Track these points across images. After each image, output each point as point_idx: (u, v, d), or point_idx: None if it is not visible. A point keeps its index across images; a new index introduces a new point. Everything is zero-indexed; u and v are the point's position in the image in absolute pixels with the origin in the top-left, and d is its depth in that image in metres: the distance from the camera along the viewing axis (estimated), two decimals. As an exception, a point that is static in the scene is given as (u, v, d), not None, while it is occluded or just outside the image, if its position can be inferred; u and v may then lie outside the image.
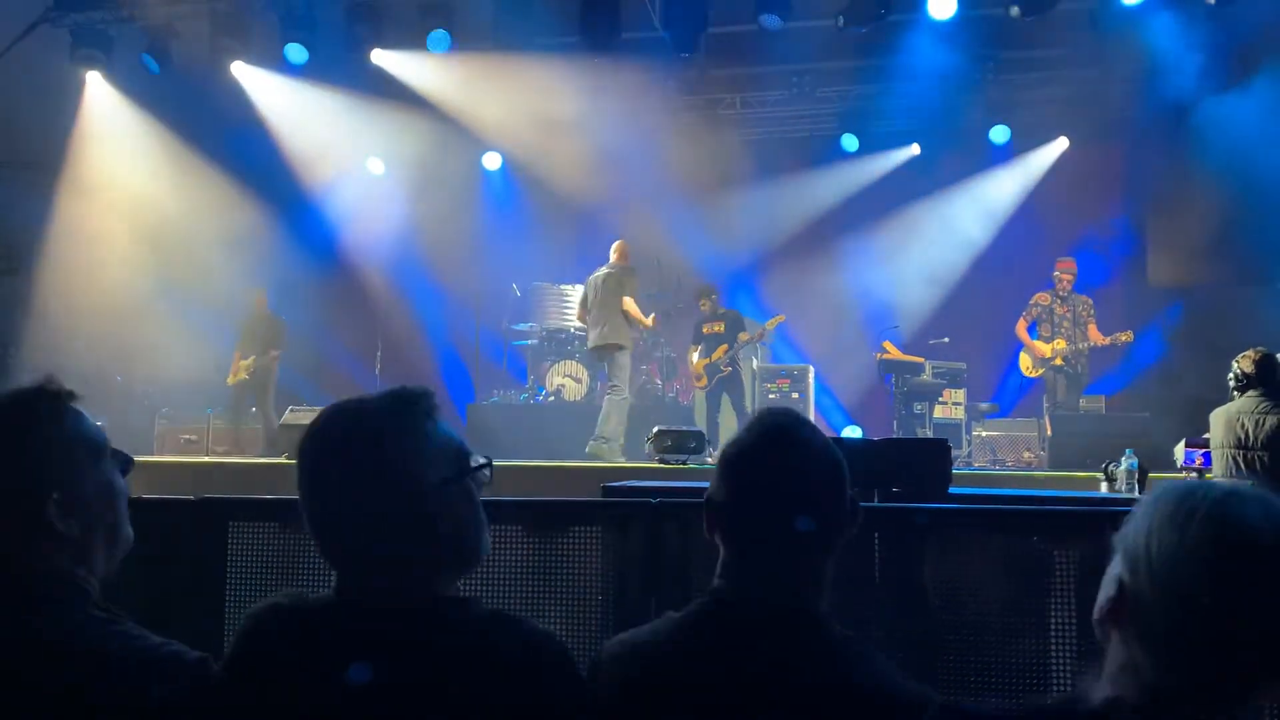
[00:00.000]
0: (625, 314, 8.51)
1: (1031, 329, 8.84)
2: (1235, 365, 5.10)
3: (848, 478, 1.49)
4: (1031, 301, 8.89)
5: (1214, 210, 9.81)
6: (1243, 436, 4.85)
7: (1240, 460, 4.85)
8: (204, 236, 10.40)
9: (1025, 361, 8.96)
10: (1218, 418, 5.05)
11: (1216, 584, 1.09)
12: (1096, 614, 1.20)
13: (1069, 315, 8.71)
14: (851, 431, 10.34)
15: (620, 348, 8.48)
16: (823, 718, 1.36)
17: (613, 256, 8.90)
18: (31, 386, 1.44)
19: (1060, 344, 8.64)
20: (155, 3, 9.73)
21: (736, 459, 1.50)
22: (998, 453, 9.16)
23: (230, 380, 9.73)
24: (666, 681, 1.43)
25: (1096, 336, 8.59)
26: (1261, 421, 4.82)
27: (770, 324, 9.83)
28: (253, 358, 9.62)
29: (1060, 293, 8.77)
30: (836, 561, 1.51)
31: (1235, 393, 5.07)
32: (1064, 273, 8.82)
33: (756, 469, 1.48)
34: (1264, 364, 4.98)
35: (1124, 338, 8.54)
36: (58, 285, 10.21)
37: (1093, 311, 8.75)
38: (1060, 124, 10.95)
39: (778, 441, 1.48)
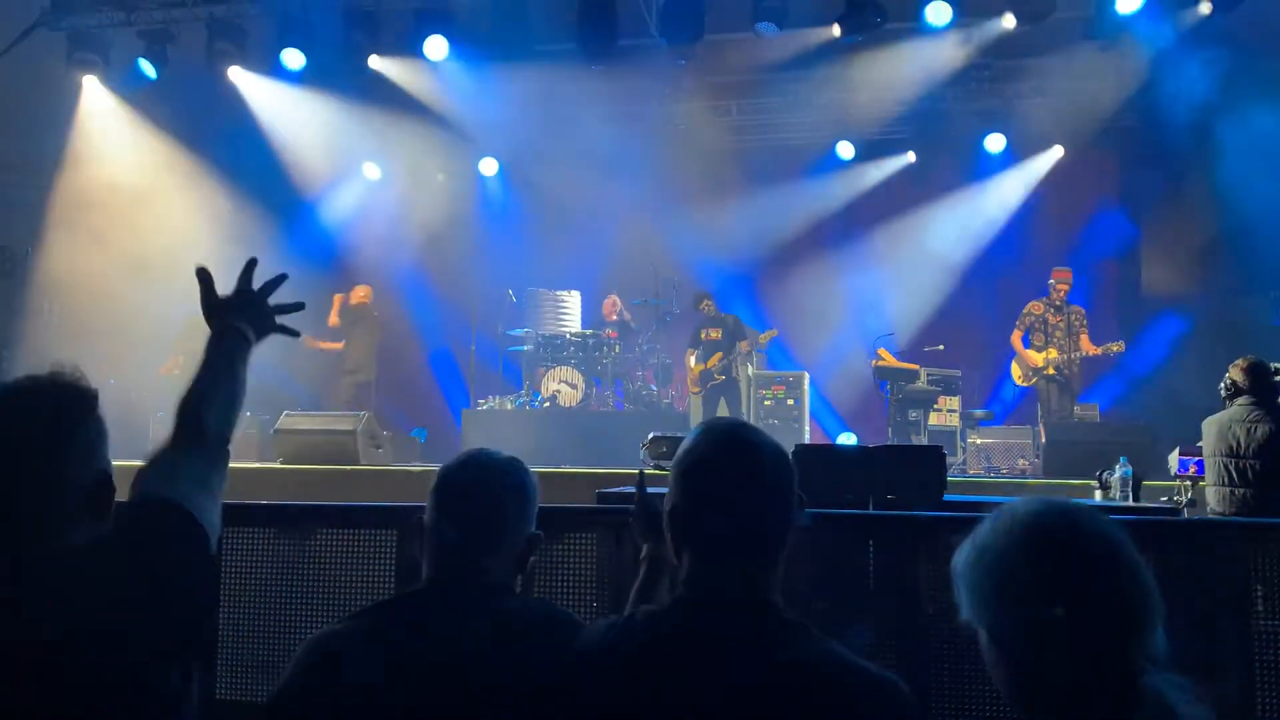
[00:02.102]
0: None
1: (1025, 338, 8.85)
2: (1227, 374, 5.12)
3: (796, 478, 1.55)
4: (1025, 311, 8.89)
5: (1209, 220, 9.83)
6: (1234, 445, 4.86)
7: (1232, 468, 4.86)
8: (199, 241, 10.38)
9: (1017, 371, 8.97)
10: (1210, 426, 5.06)
11: (1033, 579, 1.19)
12: (1007, 700, 1.28)
13: (1062, 324, 8.71)
14: (846, 438, 10.35)
15: None
16: (790, 703, 1.40)
17: (368, 299, 9.83)
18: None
19: (1052, 354, 8.64)
20: (152, 7, 9.74)
21: (693, 467, 1.56)
22: (992, 460, 9.16)
23: (162, 370, 9.30)
24: (636, 679, 1.46)
25: (1088, 346, 8.59)
26: (1253, 430, 4.83)
27: (763, 338, 9.84)
28: (180, 356, 9.10)
29: (1055, 302, 8.78)
30: (823, 565, 1.58)
31: (1227, 401, 5.08)
32: (1060, 282, 8.81)
33: (714, 475, 1.54)
34: (1255, 372, 4.99)
35: (1115, 348, 8.54)
36: (53, 288, 10.20)
37: (1085, 321, 8.75)
38: (1055, 133, 10.96)
39: (731, 447, 1.55)
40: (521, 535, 1.84)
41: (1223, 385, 5.10)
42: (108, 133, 10.66)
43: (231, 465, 1.70)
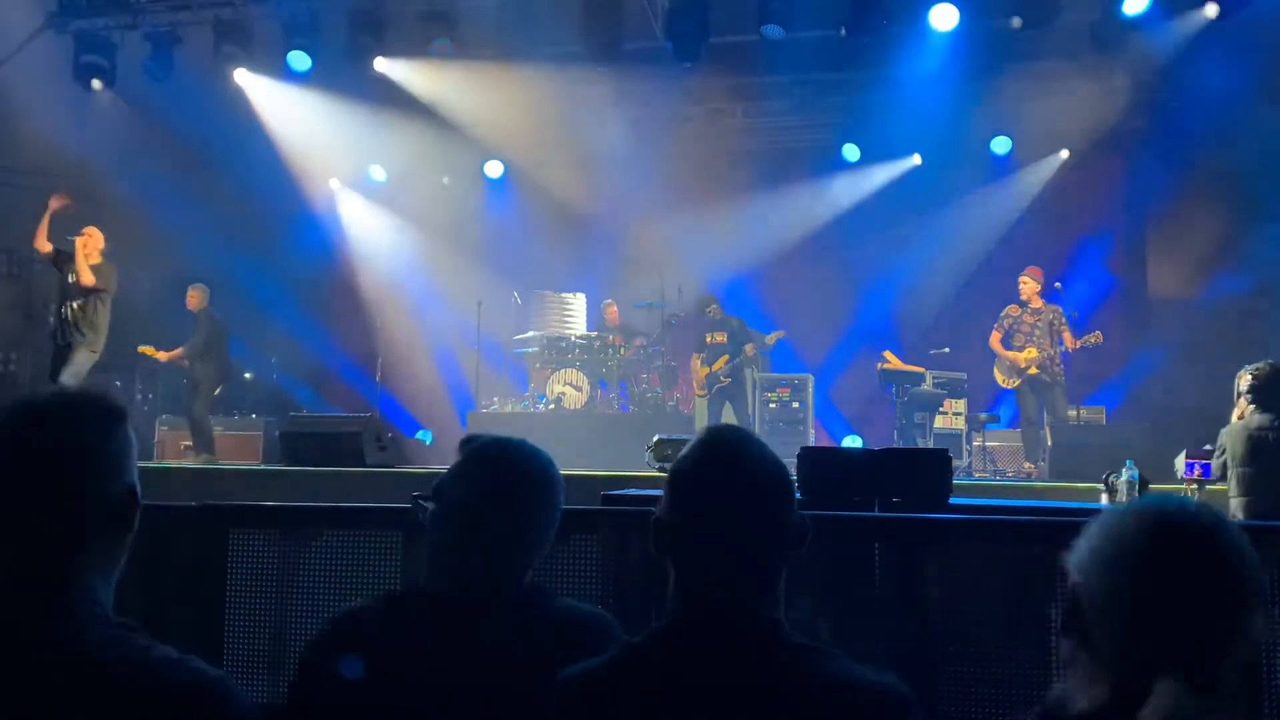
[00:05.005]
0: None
1: (1006, 341, 8.82)
2: (1241, 381, 5.09)
3: (795, 493, 1.52)
4: (1002, 314, 8.89)
5: (1215, 223, 9.81)
6: (1263, 452, 4.85)
7: (1261, 477, 4.84)
8: (206, 244, 10.41)
9: (999, 374, 8.93)
10: (1236, 434, 5.02)
11: (1146, 565, 1.21)
12: (1060, 629, 1.30)
13: (1039, 324, 8.68)
14: (852, 441, 10.35)
15: None
16: None
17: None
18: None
19: (1032, 352, 8.60)
20: (158, 10, 9.77)
21: (685, 477, 1.50)
22: (998, 463, 9.15)
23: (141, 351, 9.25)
24: (630, 712, 1.42)
25: (1070, 342, 8.54)
26: (1281, 437, 4.82)
27: (770, 339, 9.82)
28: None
29: (1026, 302, 8.76)
30: (828, 569, 1.57)
31: (1249, 408, 5.05)
32: (1030, 279, 8.82)
33: (707, 486, 1.47)
34: (1274, 377, 4.98)
35: (1093, 339, 8.45)
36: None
37: (1064, 320, 8.68)
38: (1061, 136, 10.95)
39: (727, 459, 1.48)
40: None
41: (1239, 392, 5.08)
42: (114, 135, 10.68)
43: (236, 467, 1.71)
